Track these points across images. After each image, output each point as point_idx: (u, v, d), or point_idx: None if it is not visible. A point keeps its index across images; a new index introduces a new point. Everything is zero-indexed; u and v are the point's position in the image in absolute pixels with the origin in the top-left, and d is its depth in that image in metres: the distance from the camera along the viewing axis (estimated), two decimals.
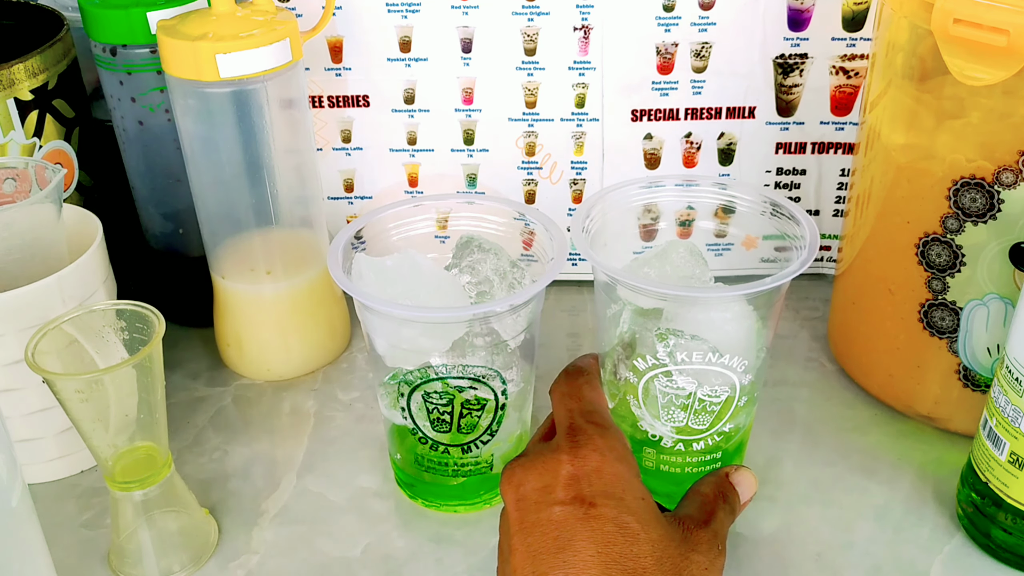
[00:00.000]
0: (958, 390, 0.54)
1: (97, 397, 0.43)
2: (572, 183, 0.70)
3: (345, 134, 0.69)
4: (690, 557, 0.39)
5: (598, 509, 0.38)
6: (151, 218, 0.65)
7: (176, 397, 0.62)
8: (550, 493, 0.39)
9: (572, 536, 0.37)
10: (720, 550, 0.41)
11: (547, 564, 0.37)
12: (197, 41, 0.53)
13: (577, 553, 0.37)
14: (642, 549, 0.37)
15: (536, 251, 0.53)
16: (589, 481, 0.39)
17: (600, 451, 0.40)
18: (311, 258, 0.62)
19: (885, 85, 0.53)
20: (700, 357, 0.46)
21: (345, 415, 0.61)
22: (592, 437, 0.41)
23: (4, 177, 0.55)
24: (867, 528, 0.51)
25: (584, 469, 0.40)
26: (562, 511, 0.38)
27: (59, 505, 0.54)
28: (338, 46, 0.66)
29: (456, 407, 0.49)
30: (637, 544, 0.37)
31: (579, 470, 0.40)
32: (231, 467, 0.57)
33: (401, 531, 0.52)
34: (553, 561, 0.37)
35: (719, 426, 0.49)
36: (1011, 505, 0.47)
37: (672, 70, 0.65)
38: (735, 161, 0.69)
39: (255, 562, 0.50)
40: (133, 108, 0.61)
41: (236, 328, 0.63)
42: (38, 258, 0.53)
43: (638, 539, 0.38)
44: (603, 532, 0.37)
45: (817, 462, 0.56)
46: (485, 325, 0.48)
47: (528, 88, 0.66)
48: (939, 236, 0.51)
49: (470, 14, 0.64)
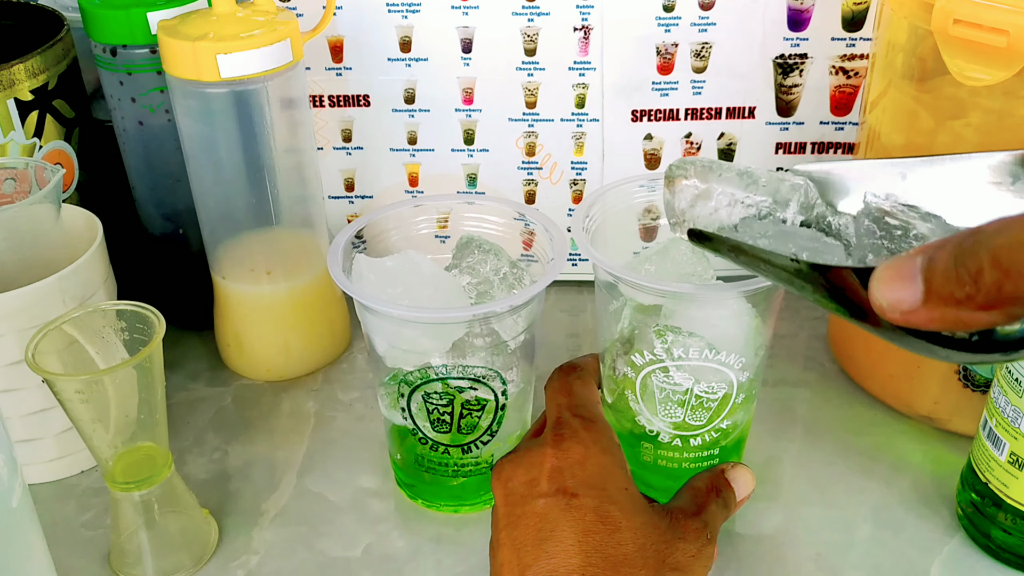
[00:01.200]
0: (958, 390, 0.54)
1: (97, 397, 0.43)
2: (572, 183, 0.70)
3: (345, 134, 0.69)
4: (675, 544, 0.39)
5: (580, 499, 0.39)
6: (151, 218, 0.65)
7: (176, 397, 0.62)
8: (535, 486, 0.40)
9: (554, 527, 0.38)
10: (709, 539, 0.41)
11: (531, 555, 0.38)
12: (198, 41, 0.53)
13: (559, 543, 0.37)
14: (624, 537, 0.38)
15: (536, 251, 0.53)
16: (572, 472, 0.40)
17: (584, 443, 0.41)
18: (311, 258, 0.62)
19: (885, 85, 0.53)
20: (697, 353, 0.46)
21: (345, 415, 0.61)
22: (576, 430, 0.42)
23: (4, 177, 0.55)
24: (867, 528, 0.51)
25: (567, 461, 0.40)
26: (545, 503, 0.39)
27: (59, 505, 0.54)
28: (339, 46, 0.66)
29: (456, 407, 0.49)
30: (619, 532, 0.38)
31: (562, 462, 0.40)
32: (231, 467, 0.57)
33: (401, 531, 0.52)
34: (536, 552, 0.38)
35: (716, 422, 0.49)
36: (1011, 505, 0.47)
37: (672, 70, 0.65)
38: (735, 161, 0.69)
39: (255, 562, 0.50)
40: (133, 108, 0.61)
41: (236, 328, 0.63)
42: (38, 258, 0.53)
43: (619, 527, 0.38)
44: (584, 522, 0.38)
45: (817, 462, 0.56)
46: (485, 325, 0.48)
47: (528, 88, 0.66)
48: None
49: (470, 14, 0.64)
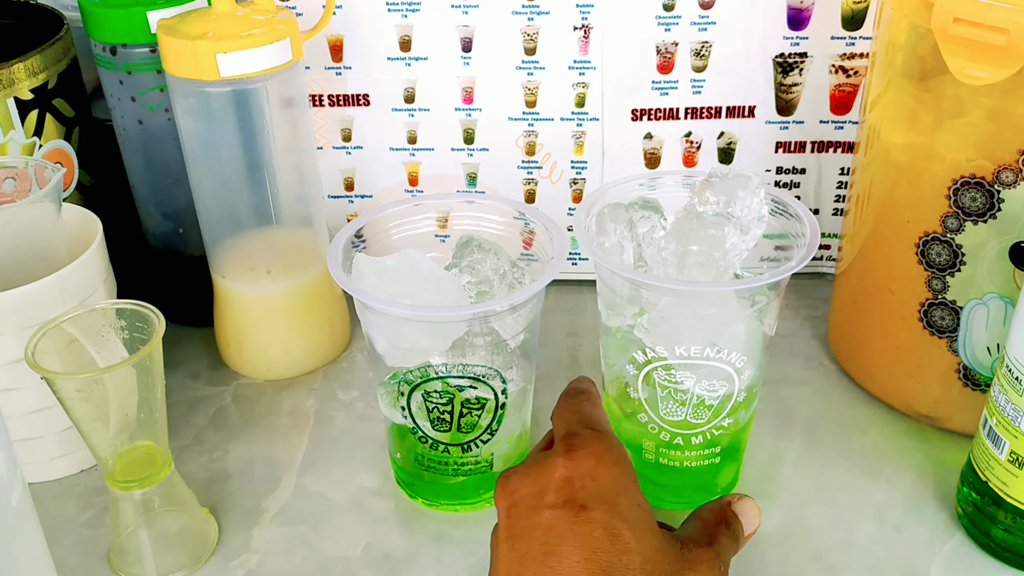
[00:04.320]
0: (958, 389, 0.54)
1: (97, 396, 0.43)
2: (572, 183, 0.70)
3: (345, 133, 0.69)
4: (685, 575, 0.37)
5: (589, 513, 0.36)
6: (151, 217, 0.65)
7: (176, 396, 0.62)
8: (542, 497, 0.38)
9: (560, 540, 0.36)
10: (722, 572, 0.39)
11: (532, 570, 0.35)
12: (197, 40, 0.53)
13: (563, 559, 0.35)
14: (632, 560, 0.36)
15: (536, 251, 0.53)
16: (583, 483, 0.38)
17: (596, 455, 0.39)
18: (311, 257, 0.62)
19: (885, 84, 0.53)
20: (699, 352, 0.46)
21: (345, 414, 0.61)
22: (589, 441, 0.40)
23: (4, 176, 0.55)
24: (867, 528, 0.51)
25: (578, 472, 0.38)
26: (552, 515, 0.37)
27: (59, 504, 0.54)
28: (338, 45, 0.66)
29: (456, 406, 0.49)
30: (627, 554, 0.36)
31: (572, 472, 0.38)
32: (231, 466, 0.57)
33: (401, 531, 0.52)
34: (538, 567, 0.35)
35: (717, 421, 0.49)
36: (1011, 504, 0.47)
37: (672, 69, 0.65)
38: (735, 160, 0.69)
39: (255, 561, 0.50)
40: (133, 108, 0.61)
41: (236, 328, 0.63)
42: (38, 258, 0.53)
43: (628, 548, 0.36)
44: (592, 538, 0.36)
45: (817, 462, 0.56)
46: (485, 325, 0.48)
47: (528, 87, 0.66)
48: (939, 235, 0.51)
49: (470, 13, 0.64)
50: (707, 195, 0.48)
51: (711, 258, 0.48)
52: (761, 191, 0.48)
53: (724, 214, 0.48)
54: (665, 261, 0.49)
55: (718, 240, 0.47)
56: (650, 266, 0.50)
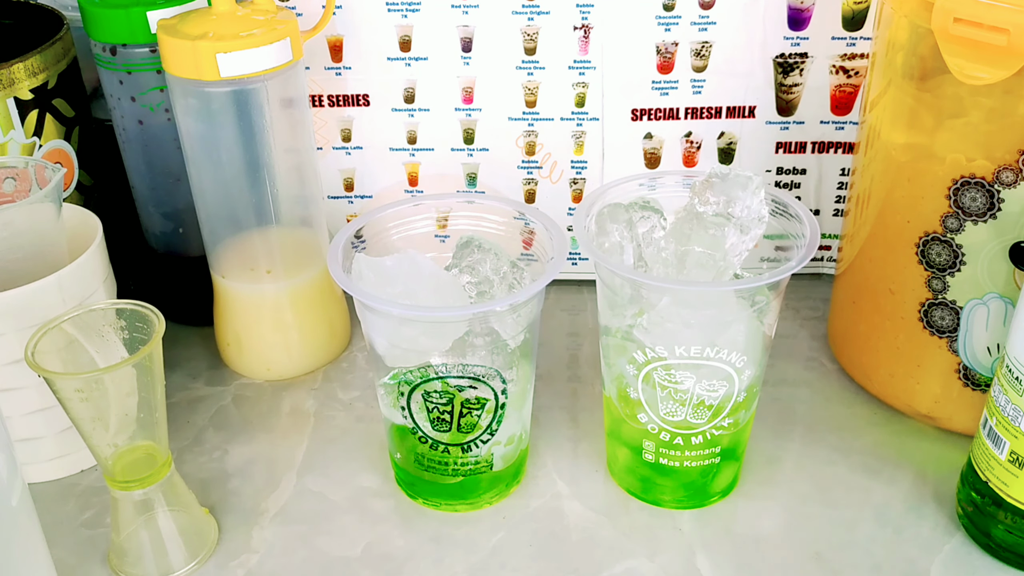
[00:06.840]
0: (958, 389, 0.54)
1: (97, 396, 0.43)
2: (572, 183, 0.70)
3: (345, 133, 0.69)
4: None
5: None
6: (151, 217, 0.65)
7: (176, 397, 0.62)
8: None
9: None
10: None
11: None
12: (197, 40, 0.53)
13: None
14: None
15: (536, 250, 0.53)
16: None
17: None
18: (311, 257, 0.62)
19: (885, 84, 0.53)
20: (698, 352, 0.46)
21: (345, 415, 0.61)
22: None
23: (4, 176, 0.55)
24: (867, 528, 0.51)
25: None
26: None
27: (59, 505, 0.54)
28: (338, 45, 0.66)
29: (456, 406, 0.49)
30: None
31: None
32: (231, 466, 0.57)
33: (401, 531, 0.52)
34: None
35: (717, 421, 0.49)
36: (1011, 504, 0.47)
37: (672, 69, 0.65)
38: (735, 160, 0.69)
39: (255, 561, 0.50)
40: (133, 108, 0.61)
41: (236, 327, 0.63)
42: (38, 258, 0.53)
43: None
44: None
45: (817, 461, 0.56)
46: (485, 325, 0.48)
47: (528, 87, 0.66)
48: (939, 235, 0.51)
49: (470, 13, 0.64)
50: (707, 195, 0.48)
51: (711, 258, 0.48)
52: (761, 191, 0.48)
53: (724, 214, 0.48)
54: (665, 261, 0.49)
55: (718, 240, 0.48)
56: (650, 266, 0.50)
